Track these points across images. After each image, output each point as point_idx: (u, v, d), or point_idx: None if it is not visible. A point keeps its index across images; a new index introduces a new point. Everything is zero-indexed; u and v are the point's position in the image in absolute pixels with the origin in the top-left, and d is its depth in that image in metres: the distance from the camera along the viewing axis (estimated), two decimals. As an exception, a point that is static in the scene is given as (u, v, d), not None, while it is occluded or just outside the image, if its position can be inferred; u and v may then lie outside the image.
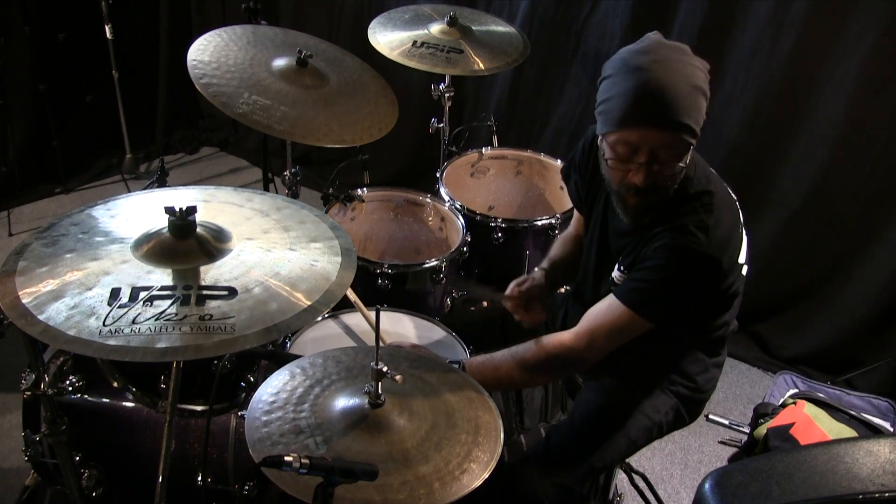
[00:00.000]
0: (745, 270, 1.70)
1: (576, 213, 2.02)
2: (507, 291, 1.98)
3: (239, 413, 1.71)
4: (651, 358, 1.78)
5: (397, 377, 1.34)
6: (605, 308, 1.63)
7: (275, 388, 1.41)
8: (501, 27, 2.76)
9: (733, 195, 1.68)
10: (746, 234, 1.68)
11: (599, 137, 1.57)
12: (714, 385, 1.87)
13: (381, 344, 1.36)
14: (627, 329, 1.60)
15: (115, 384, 1.70)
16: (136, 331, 1.15)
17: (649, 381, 1.81)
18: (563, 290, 2.42)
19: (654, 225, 1.60)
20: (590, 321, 1.65)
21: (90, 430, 1.76)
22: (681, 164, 1.51)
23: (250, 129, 2.88)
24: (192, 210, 1.30)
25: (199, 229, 1.32)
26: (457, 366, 1.65)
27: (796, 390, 2.76)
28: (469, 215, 2.42)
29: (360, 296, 2.05)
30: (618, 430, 1.76)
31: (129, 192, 2.15)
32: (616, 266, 1.71)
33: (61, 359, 1.77)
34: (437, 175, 2.60)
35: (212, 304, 1.21)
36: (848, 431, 2.41)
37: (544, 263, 2.03)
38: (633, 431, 1.77)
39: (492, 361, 1.71)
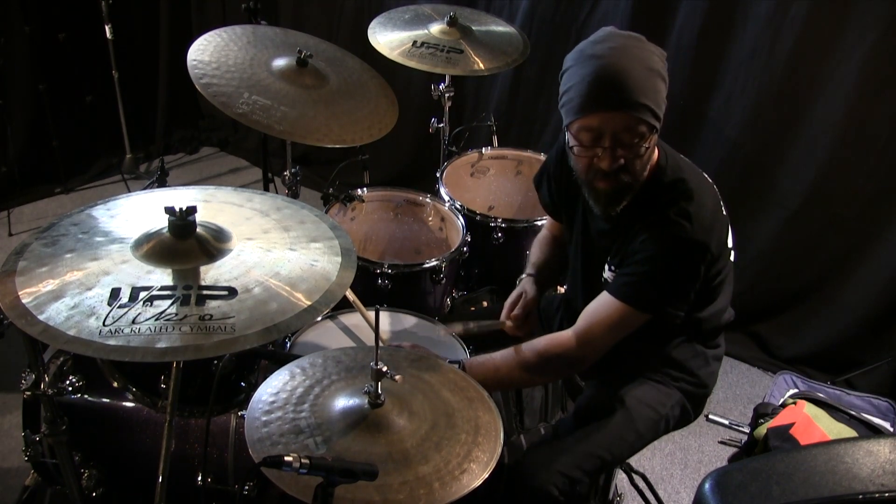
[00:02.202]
0: (732, 256, 1.71)
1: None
2: (504, 316, 1.96)
3: (239, 413, 1.71)
4: (650, 354, 1.78)
5: (397, 377, 1.34)
6: (600, 305, 1.63)
7: (275, 388, 1.41)
8: (501, 27, 2.76)
9: (709, 179, 1.68)
10: (730, 221, 1.69)
11: (564, 129, 1.58)
12: (715, 379, 1.88)
13: (380, 344, 1.36)
14: (624, 323, 1.61)
15: (115, 384, 1.70)
16: (136, 331, 1.15)
17: (652, 377, 1.82)
18: (560, 289, 2.42)
19: (635, 220, 1.61)
20: (586, 319, 1.65)
21: (90, 430, 1.76)
22: (645, 146, 1.51)
23: (250, 129, 2.88)
24: (192, 210, 1.30)
25: (199, 229, 1.32)
26: (457, 366, 1.65)
27: (796, 390, 2.76)
28: (469, 215, 2.42)
29: (359, 296, 2.05)
30: (625, 423, 1.76)
31: (129, 192, 2.15)
32: (606, 267, 1.71)
33: (61, 359, 1.77)
34: (437, 175, 2.60)
35: (212, 304, 1.21)
36: (848, 431, 2.41)
37: (530, 269, 2.03)
38: (641, 424, 1.77)
39: (492, 361, 1.71)
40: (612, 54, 1.47)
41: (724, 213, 1.66)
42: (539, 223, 2.42)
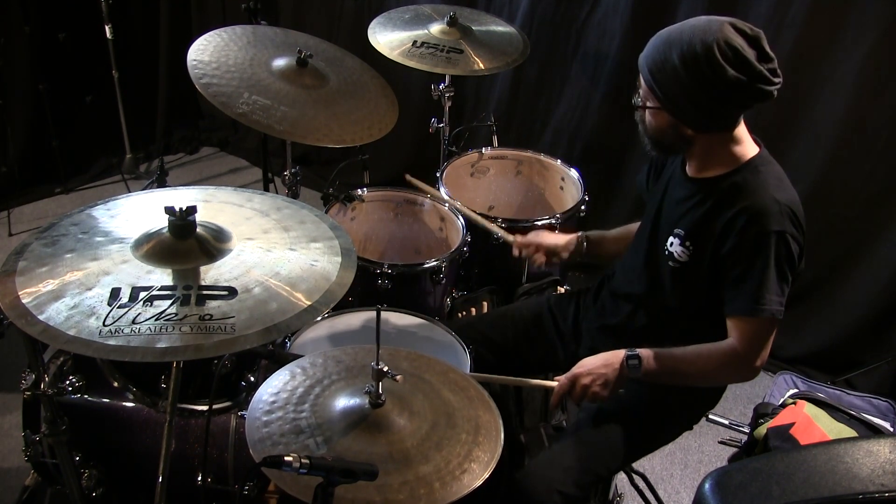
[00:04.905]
0: None
1: None
2: (525, 239, 2.08)
3: (239, 413, 1.71)
4: None
5: (397, 377, 1.34)
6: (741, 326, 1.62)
7: (275, 388, 1.41)
8: (501, 27, 2.76)
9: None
10: None
11: None
12: (721, 394, 1.88)
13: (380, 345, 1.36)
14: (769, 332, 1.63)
15: (115, 384, 1.70)
16: (136, 331, 1.15)
17: (655, 390, 1.80)
18: (560, 289, 2.42)
19: (718, 195, 1.64)
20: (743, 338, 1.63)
21: (90, 430, 1.76)
22: (637, 100, 1.66)
23: (250, 129, 2.88)
24: (192, 210, 1.30)
25: (199, 229, 1.32)
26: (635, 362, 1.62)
27: (796, 390, 2.76)
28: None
29: (360, 296, 2.05)
30: (623, 438, 1.74)
31: (129, 192, 2.15)
32: (672, 235, 1.70)
33: (61, 359, 1.77)
34: (437, 175, 2.60)
35: (212, 304, 1.21)
36: (848, 431, 2.41)
37: (594, 232, 2.06)
38: (640, 437, 1.77)
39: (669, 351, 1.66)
40: (672, 27, 1.62)
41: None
42: (539, 223, 2.41)
